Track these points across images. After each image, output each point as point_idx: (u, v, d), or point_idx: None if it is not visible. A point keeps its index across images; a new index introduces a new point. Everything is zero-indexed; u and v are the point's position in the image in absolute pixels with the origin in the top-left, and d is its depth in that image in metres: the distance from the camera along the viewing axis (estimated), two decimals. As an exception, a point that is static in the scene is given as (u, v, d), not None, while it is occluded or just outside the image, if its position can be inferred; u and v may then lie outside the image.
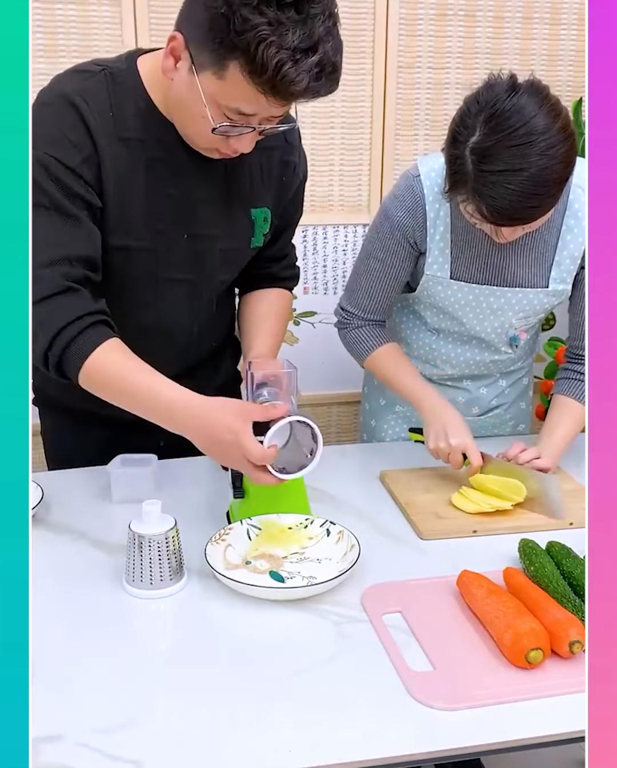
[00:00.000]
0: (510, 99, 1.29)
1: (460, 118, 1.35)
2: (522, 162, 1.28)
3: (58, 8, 2.18)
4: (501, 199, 1.31)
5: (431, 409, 1.57)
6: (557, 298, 1.62)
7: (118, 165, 1.30)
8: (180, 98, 1.24)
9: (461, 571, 1.23)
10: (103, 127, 1.28)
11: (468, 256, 1.57)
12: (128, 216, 1.34)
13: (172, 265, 1.41)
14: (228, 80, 1.15)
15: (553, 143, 1.29)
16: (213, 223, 1.42)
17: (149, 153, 1.32)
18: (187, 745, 0.96)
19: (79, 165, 1.27)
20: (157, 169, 1.34)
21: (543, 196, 1.32)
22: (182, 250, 1.41)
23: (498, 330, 1.64)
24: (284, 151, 1.46)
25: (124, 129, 1.30)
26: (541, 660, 1.07)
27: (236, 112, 1.19)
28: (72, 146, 1.26)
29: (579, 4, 2.45)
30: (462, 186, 1.35)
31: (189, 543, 1.28)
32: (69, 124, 1.26)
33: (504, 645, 1.09)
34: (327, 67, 1.13)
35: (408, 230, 1.56)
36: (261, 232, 1.49)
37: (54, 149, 1.25)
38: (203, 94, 1.19)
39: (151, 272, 1.41)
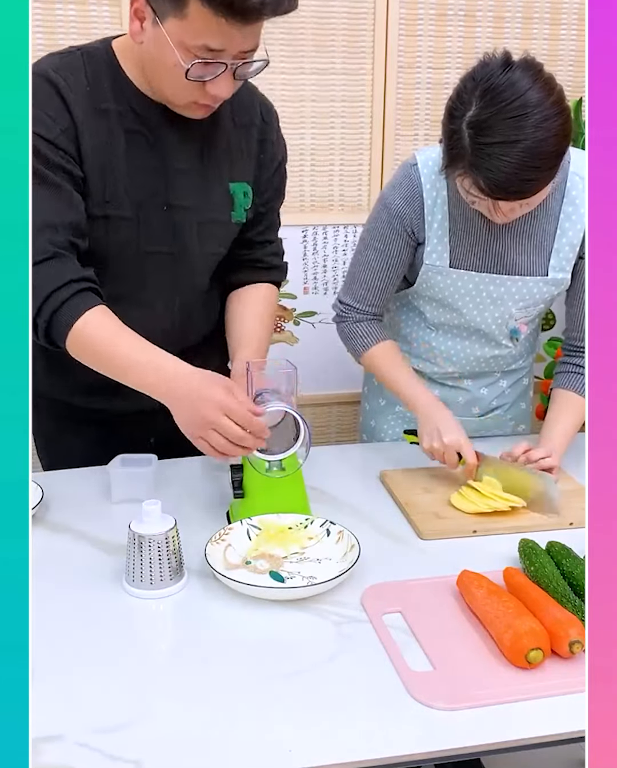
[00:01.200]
0: (504, 74, 1.31)
1: (456, 95, 1.36)
2: (518, 134, 1.30)
3: (58, 8, 2.18)
4: (497, 171, 1.32)
5: (425, 410, 1.57)
6: (556, 287, 1.62)
7: (97, 136, 1.34)
8: (152, 56, 1.29)
9: (461, 572, 1.23)
10: (81, 100, 1.32)
11: (466, 244, 1.57)
12: (109, 186, 1.37)
13: (152, 236, 1.43)
14: (190, 17, 1.20)
15: (548, 116, 1.30)
16: (190, 195, 1.44)
17: (127, 125, 1.36)
18: (187, 745, 0.96)
19: (58, 137, 1.30)
20: (135, 141, 1.37)
21: (540, 168, 1.33)
22: (161, 221, 1.42)
23: (498, 321, 1.65)
24: (261, 130, 1.50)
25: (101, 101, 1.34)
26: (541, 660, 1.07)
27: (205, 49, 1.22)
28: (50, 120, 1.30)
29: (579, 4, 2.45)
30: (460, 160, 1.36)
31: (189, 543, 1.28)
32: (46, 100, 1.30)
33: (504, 645, 1.09)
34: None
35: (406, 219, 1.57)
36: (242, 207, 1.50)
37: (33, 124, 1.27)
38: (171, 40, 1.23)
39: (132, 243, 1.42)
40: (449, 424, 1.53)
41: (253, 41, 1.26)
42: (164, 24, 1.23)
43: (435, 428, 1.53)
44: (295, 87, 2.34)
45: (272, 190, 1.56)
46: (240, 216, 1.51)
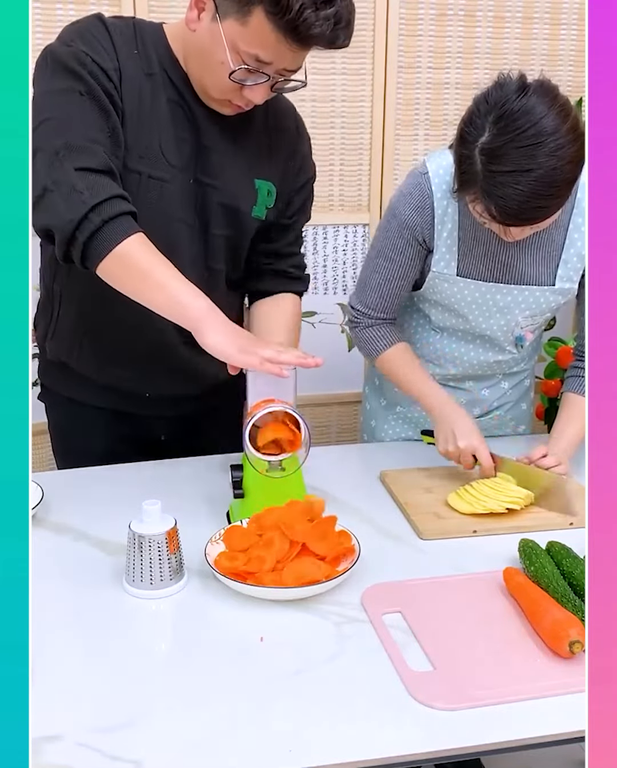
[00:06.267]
0: (519, 99, 1.30)
1: (469, 118, 1.35)
2: (531, 163, 1.29)
3: (58, 8, 2.18)
4: (509, 199, 1.31)
5: (441, 412, 1.57)
6: (563, 296, 1.62)
7: (139, 94, 1.35)
8: (201, 46, 1.31)
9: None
10: (129, 60, 1.34)
11: (476, 253, 1.57)
12: (145, 143, 1.37)
13: (177, 204, 1.42)
14: (251, 25, 1.23)
15: (562, 144, 1.29)
16: (218, 175, 1.44)
17: (170, 94, 1.38)
18: (187, 745, 0.96)
19: (112, 71, 1.33)
20: (175, 110, 1.39)
21: (552, 196, 1.33)
22: (186, 193, 1.43)
23: (504, 328, 1.65)
24: (292, 138, 1.52)
25: (148, 66, 1.36)
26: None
27: (254, 58, 1.26)
28: (105, 53, 1.32)
29: (579, 4, 2.45)
30: (471, 186, 1.36)
31: (189, 543, 1.27)
32: (103, 38, 1.33)
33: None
34: (343, 20, 1.23)
35: (417, 228, 1.56)
36: (264, 204, 1.50)
37: (90, 49, 1.32)
38: (225, 40, 1.26)
39: (159, 204, 1.41)
40: (464, 427, 1.53)
41: (300, 62, 1.31)
42: (223, 22, 1.25)
43: (450, 431, 1.53)
44: (295, 87, 2.34)
45: (299, 203, 1.57)
46: (260, 213, 1.50)
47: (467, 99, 1.42)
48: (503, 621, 1.18)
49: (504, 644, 1.13)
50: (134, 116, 1.35)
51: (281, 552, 1.24)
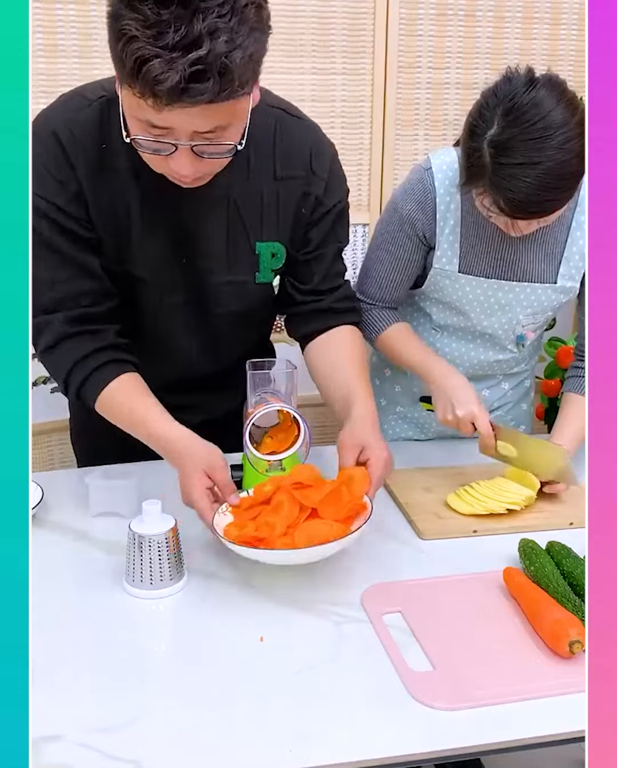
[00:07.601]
0: (527, 93, 1.30)
1: (478, 111, 1.36)
2: (539, 155, 1.29)
3: (58, 8, 2.17)
4: (518, 191, 1.32)
5: (439, 380, 1.54)
6: (565, 295, 1.62)
7: (110, 197, 1.29)
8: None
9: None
10: (89, 163, 1.27)
11: (477, 250, 1.57)
12: (122, 247, 1.34)
13: (172, 289, 1.40)
14: (122, 87, 1.09)
15: (570, 137, 1.30)
16: (209, 255, 1.38)
17: (144, 183, 1.28)
18: (187, 745, 0.96)
19: (68, 203, 1.28)
20: (152, 201, 1.31)
21: (560, 189, 1.33)
22: (180, 274, 1.39)
23: (505, 326, 1.64)
24: (305, 182, 1.37)
25: (115, 161, 1.27)
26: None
27: (149, 124, 1.10)
28: (58, 184, 1.27)
29: (579, 4, 2.45)
30: (479, 179, 1.36)
31: (189, 543, 1.27)
32: (53, 161, 1.26)
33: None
34: (214, 66, 1.00)
35: (418, 224, 1.56)
36: (269, 267, 1.42)
37: (41, 188, 1.25)
38: (122, 108, 1.15)
39: (152, 296, 1.40)
40: (463, 396, 1.50)
41: (212, 122, 1.09)
42: (121, 89, 1.10)
43: (449, 400, 1.51)
44: (295, 87, 2.34)
45: (320, 237, 1.43)
46: (266, 277, 1.43)
47: (467, 99, 1.42)
48: (503, 621, 1.18)
49: (504, 644, 1.13)
50: (109, 227, 1.32)
51: (291, 517, 1.21)
